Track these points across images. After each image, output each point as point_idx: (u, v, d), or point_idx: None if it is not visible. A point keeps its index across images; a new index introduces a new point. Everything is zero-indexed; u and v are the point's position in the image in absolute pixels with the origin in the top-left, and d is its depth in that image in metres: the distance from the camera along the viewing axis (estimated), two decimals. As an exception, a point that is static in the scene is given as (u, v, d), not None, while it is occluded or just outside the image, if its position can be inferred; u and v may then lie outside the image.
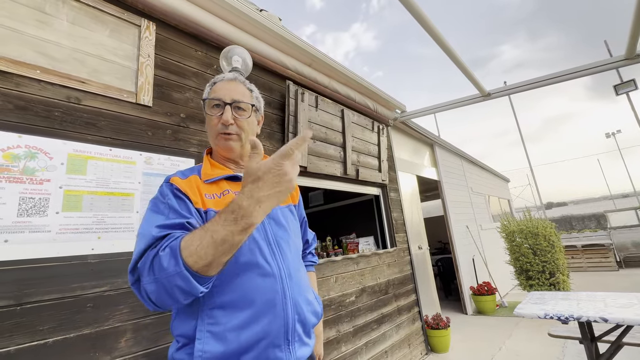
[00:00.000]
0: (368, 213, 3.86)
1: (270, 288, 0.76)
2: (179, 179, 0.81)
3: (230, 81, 0.92)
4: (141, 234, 0.69)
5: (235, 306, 0.73)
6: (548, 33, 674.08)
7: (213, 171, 0.87)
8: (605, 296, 2.07)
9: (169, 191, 0.78)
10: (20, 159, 1.14)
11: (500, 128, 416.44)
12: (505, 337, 3.61)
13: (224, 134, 0.87)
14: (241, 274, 0.75)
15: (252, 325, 0.72)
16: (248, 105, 0.90)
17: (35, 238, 1.12)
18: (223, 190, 0.84)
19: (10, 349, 1.00)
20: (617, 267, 7.35)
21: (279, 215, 0.89)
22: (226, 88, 0.89)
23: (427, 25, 2.40)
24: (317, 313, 0.88)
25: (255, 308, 0.73)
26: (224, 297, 0.73)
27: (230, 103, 0.87)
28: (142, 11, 1.63)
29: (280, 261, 0.81)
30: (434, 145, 5.28)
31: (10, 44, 1.19)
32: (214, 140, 0.89)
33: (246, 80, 0.96)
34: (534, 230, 4.69)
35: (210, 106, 0.88)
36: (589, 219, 15.49)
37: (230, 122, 0.85)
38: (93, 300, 1.21)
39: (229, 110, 0.86)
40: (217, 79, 0.93)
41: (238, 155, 0.92)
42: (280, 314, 0.75)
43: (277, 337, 0.74)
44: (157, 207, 0.75)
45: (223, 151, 0.90)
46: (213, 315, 0.72)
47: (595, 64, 3.06)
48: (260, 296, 0.74)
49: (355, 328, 2.46)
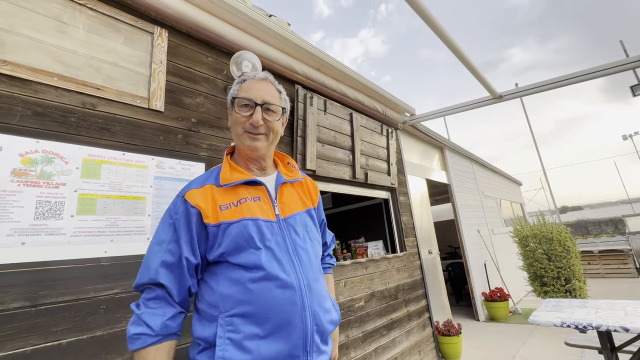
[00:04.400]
0: (377, 217, 3.83)
1: (290, 300, 0.76)
2: (195, 192, 0.82)
3: (261, 80, 0.90)
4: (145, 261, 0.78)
5: (254, 317, 0.73)
6: (559, 35, 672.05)
7: (232, 175, 0.86)
8: (626, 304, 1.99)
9: (182, 210, 0.80)
10: (37, 163, 1.17)
11: (511, 130, 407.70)
12: (519, 345, 3.51)
13: (251, 132, 0.86)
14: (261, 285, 0.75)
15: (272, 336, 0.73)
16: (278, 108, 0.90)
17: (50, 241, 1.15)
18: (240, 199, 0.83)
19: (26, 349, 1.02)
20: (636, 273, 7.08)
21: (298, 222, 0.88)
22: (257, 88, 0.88)
23: (436, 28, 2.38)
24: (334, 321, 0.88)
25: (274, 320, 0.74)
26: (243, 307, 0.74)
27: (261, 104, 0.86)
28: (155, 19, 1.67)
29: (299, 272, 0.80)
30: (443, 148, 5.22)
31: (30, 52, 1.24)
32: (239, 137, 0.88)
33: (275, 81, 0.95)
34: (548, 235, 4.57)
35: (240, 105, 0.86)
36: (605, 223, 15.02)
37: (260, 123, 0.85)
38: (106, 302, 1.23)
39: (259, 112, 0.85)
40: (247, 77, 0.91)
41: (262, 155, 0.91)
42: (299, 326, 0.75)
43: (295, 348, 0.74)
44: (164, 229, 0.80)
45: (248, 150, 0.88)
46: (233, 323, 0.73)
47: (611, 65, 2.98)
48: (279, 308, 0.74)
49: (364, 333, 2.43)
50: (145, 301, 0.75)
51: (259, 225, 0.80)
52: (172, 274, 0.76)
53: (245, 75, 0.92)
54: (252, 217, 0.81)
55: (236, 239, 0.78)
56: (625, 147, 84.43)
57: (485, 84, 3.20)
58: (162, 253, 0.77)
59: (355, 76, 2.81)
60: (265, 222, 0.82)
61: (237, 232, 0.78)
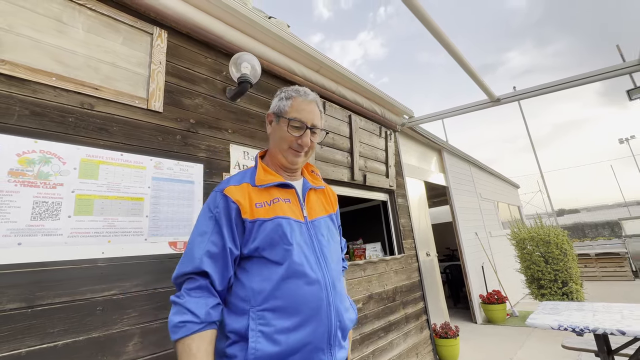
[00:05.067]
0: (375, 219, 3.83)
1: (317, 296, 0.81)
2: (234, 189, 0.87)
3: (311, 102, 0.98)
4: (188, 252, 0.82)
5: (284, 311, 0.78)
6: (557, 39, 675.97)
7: (266, 177, 0.92)
8: (622, 307, 2.00)
9: (222, 204, 0.85)
10: (35, 163, 1.16)
11: (509, 133, 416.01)
12: (516, 348, 3.51)
13: (297, 150, 0.95)
14: (290, 281, 0.80)
15: (300, 329, 0.78)
16: (321, 132, 1.00)
17: (47, 241, 1.14)
18: (273, 198, 0.90)
19: (21, 351, 1.01)
20: (632, 276, 7.12)
21: (322, 225, 0.95)
22: (308, 110, 0.95)
23: (435, 31, 2.40)
24: (353, 320, 0.94)
25: (302, 314, 0.79)
26: (274, 302, 0.79)
27: (310, 127, 0.94)
28: (155, 19, 1.67)
29: (325, 270, 0.86)
30: (442, 150, 5.23)
31: (29, 52, 1.23)
32: (284, 152, 0.95)
33: (320, 100, 1.03)
34: (545, 238, 4.58)
35: (292, 126, 0.93)
36: (602, 226, 15.10)
37: (309, 145, 0.95)
38: (102, 303, 1.22)
39: (308, 134, 0.94)
40: (295, 93, 0.97)
41: (298, 168, 1.00)
42: (325, 321, 0.81)
43: (321, 341, 0.80)
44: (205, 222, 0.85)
45: (288, 163, 0.96)
46: (264, 317, 0.78)
47: (608, 69, 3.00)
48: (307, 303, 0.80)
49: (362, 336, 2.42)
50: (188, 291, 0.78)
51: (290, 224, 0.86)
52: (216, 263, 0.80)
53: (294, 92, 0.98)
54: (285, 216, 0.87)
55: (270, 235, 0.83)
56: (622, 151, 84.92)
57: (483, 87, 3.22)
58: (206, 244, 0.81)
59: (354, 78, 2.82)
60: (295, 222, 0.88)
61: (271, 228, 0.83)
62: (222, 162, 1.80)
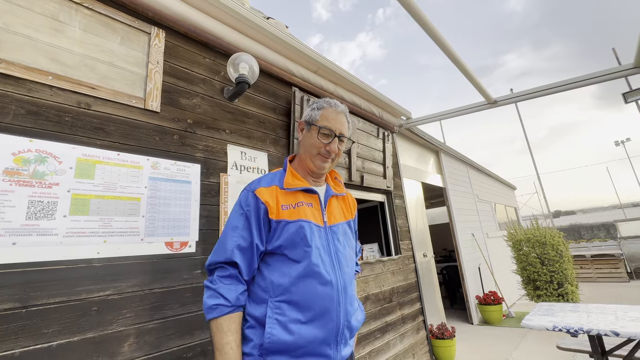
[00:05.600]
0: (372, 219, 3.84)
1: (328, 296, 0.89)
2: (264, 190, 0.95)
3: (340, 113, 1.06)
4: (221, 243, 0.91)
5: (298, 305, 0.87)
6: (554, 42, 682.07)
7: (294, 182, 1.00)
8: (616, 309, 2.02)
9: (253, 203, 0.93)
10: (30, 162, 1.16)
11: (506, 135, 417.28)
12: (512, 349, 3.53)
13: (325, 157, 1.02)
14: (306, 279, 0.88)
15: (311, 323, 0.86)
16: (348, 140, 1.08)
17: (42, 241, 1.14)
18: (298, 202, 0.97)
19: (15, 351, 1.01)
20: (627, 278, 7.17)
21: (340, 231, 1.02)
22: (337, 120, 1.04)
23: (433, 33, 2.41)
24: (361, 321, 1.01)
25: (314, 311, 0.87)
26: (290, 296, 0.87)
27: (338, 136, 1.03)
28: (152, 19, 1.67)
29: (338, 273, 0.93)
30: (439, 152, 5.25)
31: (25, 51, 1.23)
32: (312, 157, 1.03)
33: (347, 111, 1.11)
34: (541, 239, 4.61)
35: (322, 134, 1.02)
36: (598, 228, 15.20)
37: (336, 151, 1.03)
38: (98, 304, 1.21)
39: (336, 142, 1.02)
40: (327, 104, 1.06)
41: (324, 173, 1.07)
42: (334, 319, 0.89)
43: (329, 337, 0.88)
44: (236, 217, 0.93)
45: (316, 168, 1.03)
46: (280, 307, 0.86)
47: (604, 72, 3.03)
48: (319, 302, 0.88)
49: (358, 336, 2.43)
50: (220, 278, 0.88)
51: (311, 228, 0.94)
52: (244, 256, 0.90)
53: (325, 102, 1.07)
54: (307, 220, 0.95)
55: (293, 236, 0.91)
56: (618, 153, 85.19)
57: (481, 89, 3.23)
58: (237, 238, 0.90)
59: (352, 79, 2.83)
60: (315, 226, 0.96)
61: (294, 230, 0.92)
62: (219, 162, 1.80)
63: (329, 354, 0.87)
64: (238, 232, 0.91)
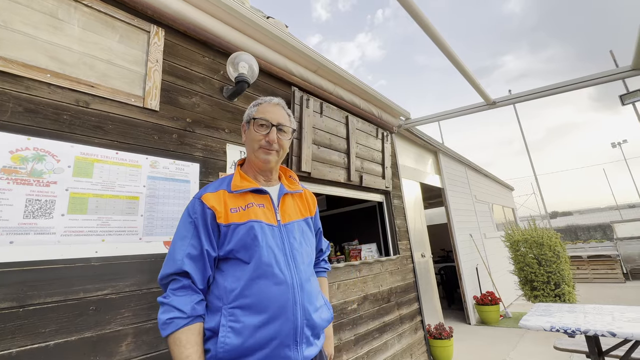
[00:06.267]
0: (371, 220, 3.85)
1: (283, 296, 0.86)
2: (210, 195, 0.94)
3: (276, 105, 1.06)
4: (170, 254, 0.89)
5: (252, 308, 0.84)
6: (552, 44, 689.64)
7: (242, 183, 0.98)
8: (613, 309, 2.03)
9: (199, 210, 0.92)
10: (28, 161, 1.15)
11: (504, 136, 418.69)
12: (509, 349, 3.55)
13: (266, 148, 1.00)
14: (259, 281, 0.86)
15: (266, 326, 0.83)
16: (289, 129, 1.05)
17: (40, 240, 1.13)
18: (247, 203, 0.95)
19: (12, 351, 1.00)
20: (623, 279, 7.22)
21: (295, 229, 1.00)
22: (273, 111, 1.03)
23: (433, 34, 2.41)
24: (326, 319, 0.98)
25: (269, 312, 0.84)
26: (243, 300, 0.85)
27: (276, 125, 1.01)
28: (152, 17, 1.66)
29: (293, 272, 0.91)
30: (438, 152, 5.27)
31: (23, 48, 1.22)
32: (255, 152, 1.01)
33: (286, 106, 1.11)
34: (538, 240, 4.63)
35: (258, 125, 1.01)
36: (594, 229, 15.29)
37: (275, 141, 1.00)
38: (95, 303, 1.21)
39: (274, 132, 1.00)
40: (263, 101, 1.07)
41: (271, 168, 1.04)
42: (291, 319, 0.86)
43: (286, 338, 0.85)
44: (185, 227, 0.92)
45: (261, 162, 1.01)
46: (234, 314, 0.84)
47: (602, 74, 3.05)
48: (274, 302, 0.85)
49: (356, 336, 2.43)
50: (173, 291, 0.85)
51: (262, 227, 0.92)
52: (196, 264, 0.87)
53: (261, 99, 1.08)
54: (257, 220, 0.93)
55: (243, 238, 0.89)
56: (614, 155, 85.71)
57: (480, 90, 3.24)
58: (186, 247, 0.88)
59: (351, 79, 2.83)
60: (268, 226, 0.94)
61: (244, 232, 0.90)
62: (218, 161, 1.79)
63: (289, 355, 0.85)
64: (187, 241, 0.89)
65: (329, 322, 1.00)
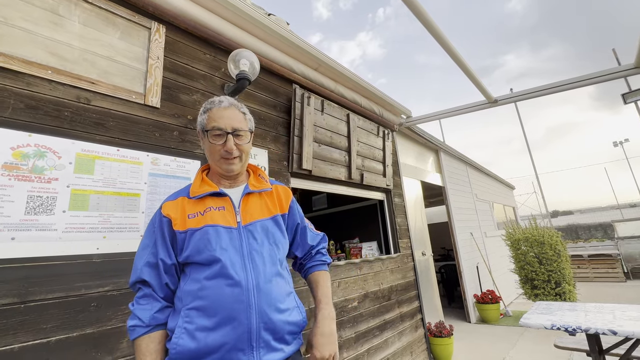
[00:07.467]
0: (372, 218, 3.84)
1: (236, 298, 0.84)
2: (169, 204, 0.95)
3: (227, 108, 0.98)
4: (134, 263, 0.92)
5: (205, 311, 0.83)
6: (553, 43, 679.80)
7: (201, 188, 0.97)
8: (614, 308, 2.03)
9: (157, 220, 0.94)
10: (29, 157, 1.15)
11: (503, 136, 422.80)
12: (509, 347, 3.55)
13: (227, 158, 0.96)
14: (213, 283, 0.85)
15: (218, 329, 0.81)
16: (247, 132, 1.00)
17: (41, 236, 1.13)
18: (206, 208, 0.94)
19: (14, 346, 1.00)
20: (624, 278, 7.21)
21: (258, 229, 0.96)
22: (225, 117, 0.96)
23: (435, 32, 2.40)
24: (294, 322, 0.92)
25: (221, 315, 0.82)
26: (199, 301, 0.84)
27: (231, 132, 0.95)
28: (153, 14, 1.65)
29: (250, 273, 0.88)
30: (438, 151, 5.26)
31: (24, 44, 1.21)
32: (216, 163, 0.98)
33: (238, 103, 1.02)
34: (539, 239, 4.63)
35: (212, 135, 0.96)
36: (595, 228, 15.27)
37: (234, 149, 0.95)
38: (97, 299, 1.21)
39: (231, 140, 0.95)
40: (212, 105, 0.98)
41: (237, 173, 1.01)
42: (244, 322, 0.83)
43: (239, 342, 0.82)
44: (147, 235, 0.94)
45: (225, 172, 0.99)
46: (189, 315, 0.83)
47: (604, 72, 3.03)
48: (226, 304, 0.83)
49: (357, 334, 2.43)
50: (137, 299, 0.89)
51: (218, 231, 0.91)
52: (153, 272, 0.89)
53: (209, 104, 0.99)
54: (213, 224, 0.91)
55: (198, 243, 0.89)
56: (616, 154, 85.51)
57: (481, 89, 3.23)
58: (146, 255, 0.91)
59: (353, 77, 2.82)
60: (225, 229, 0.92)
61: (199, 237, 0.89)
62: (219, 159, 1.79)
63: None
64: (148, 250, 0.91)
65: (300, 326, 0.94)
